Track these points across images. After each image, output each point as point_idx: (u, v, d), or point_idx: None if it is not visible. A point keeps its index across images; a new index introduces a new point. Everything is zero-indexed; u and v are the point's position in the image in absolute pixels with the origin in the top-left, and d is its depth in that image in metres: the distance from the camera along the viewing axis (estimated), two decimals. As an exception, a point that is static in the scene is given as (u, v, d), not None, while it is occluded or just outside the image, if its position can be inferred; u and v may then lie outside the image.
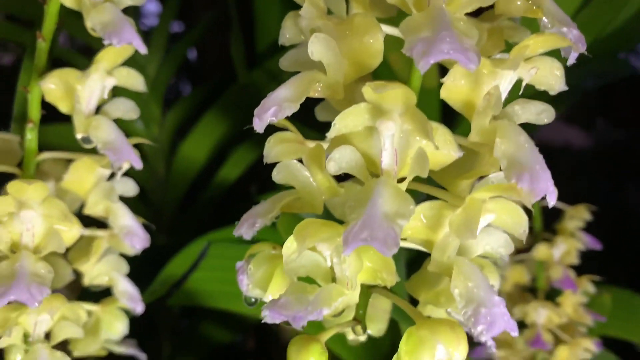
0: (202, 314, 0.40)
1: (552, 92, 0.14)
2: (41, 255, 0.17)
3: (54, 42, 0.19)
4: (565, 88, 0.14)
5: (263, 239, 0.16)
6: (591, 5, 0.33)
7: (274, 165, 0.15)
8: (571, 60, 0.14)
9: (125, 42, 0.17)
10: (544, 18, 0.14)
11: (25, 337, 0.17)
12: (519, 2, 0.14)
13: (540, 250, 0.33)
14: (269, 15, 0.37)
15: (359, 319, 0.15)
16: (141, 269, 0.31)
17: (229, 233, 0.33)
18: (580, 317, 0.33)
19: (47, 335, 0.18)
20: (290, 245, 0.13)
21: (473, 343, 0.15)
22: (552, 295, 0.35)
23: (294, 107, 0.14)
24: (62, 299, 0.17)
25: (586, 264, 0.38)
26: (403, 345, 0.14)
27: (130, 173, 0.20)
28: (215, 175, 0.41)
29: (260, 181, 0.45)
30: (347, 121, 0.13)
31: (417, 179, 0.13)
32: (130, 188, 0.20)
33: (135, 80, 0.19)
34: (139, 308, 0.21)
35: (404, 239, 0.14)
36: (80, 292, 0.22)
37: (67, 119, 0.19)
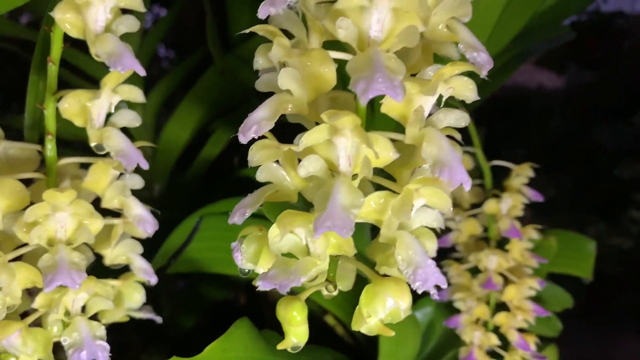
0: (198, 277, 0.44)
1: (468, 101, 0.19)
2: (74, 246, 0.21)
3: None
4: (478, 98, 0.18)
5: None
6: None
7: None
8: (483, 74, 0.19)
9: (128, 68, 0.20)
10: (460, 45, 0.18)
11: (66, 312, 0.22)
12: (441, 33, 0.19)
13: (490, 205, 0.38)
14: (239, 8, 0.40)
15: (330, 280, 0.20)
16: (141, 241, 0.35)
17: (218, 207, 0.37)
18: (526, 260, 0.39)
19: (82, 309, 0.22)
20: (274, 230, 0.18)
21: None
22: (502, 243, 0.40)
23: (271, 125, 0.18)
24: (94, 280, 0.22)
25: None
26: (362, 298, 0.18)
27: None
28: (199, 153, 0.44)
29: (240, 154, 0.49)
30: (312, 138, 0.17)
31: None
32: (137, 182, 0.24)
33: (135, 94, 0.23)
34: (153, 280, 0.25)
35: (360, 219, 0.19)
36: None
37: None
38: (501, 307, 0.39)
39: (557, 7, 0.45)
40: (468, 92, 0.18)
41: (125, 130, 0.24)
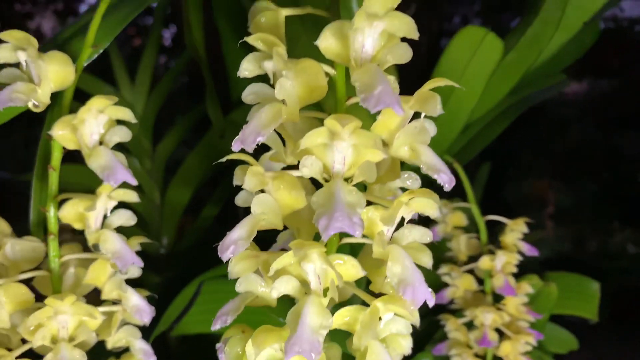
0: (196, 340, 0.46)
1: (432, 216, 0.20)
2: (75, 343, 0.23)
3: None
4: (439, 214, 0.20)
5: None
6: (517, 48, 0.38)
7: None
8: (447, 189, 0.20)
9: (119, 181, 0.22)
10: (422, 165, 0.20)
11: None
12: (405, 154, 0.20)
13: (484, 262, 0.39)
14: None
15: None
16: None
17: (219, 271, 0.39)
18: (522, 315, 0.39)
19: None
20: (249, 347, 0.19)
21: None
22: (500, 297, 0.41)
23: (247, 244, 0.19)
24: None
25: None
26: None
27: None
28: (201, 212, 0.46)
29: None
30: (311, 139, 0.18)
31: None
32: (135, 272, 0.26)
33: (130, 196, 0.24)
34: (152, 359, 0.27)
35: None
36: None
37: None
38: (498, 360, 0.40)
39: (552, 60, 0.46)
40: (430, 210, 0.19)
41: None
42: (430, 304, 0.19)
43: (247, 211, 0.20)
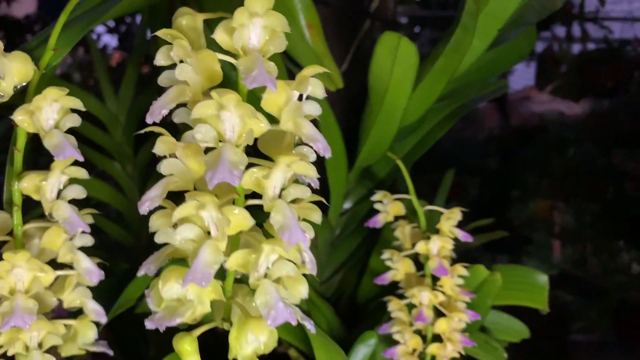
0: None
1: (309, 180, 0.24)
2: (30, 294, 0.27)
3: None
4: (317, 175, 0.24)
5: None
6: (444, 54, 0.42)
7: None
8: (325, 155, 0.24)
9: (68, 157, 0.27)
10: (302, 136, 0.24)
11: (26, 347, 0.27)
12: (292, 127, 0.24)
13: (420, 246, 0.43)
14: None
15: (225, 319, 0.25)
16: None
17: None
18: (457, 295, 0.43)
19: (40, 344, 0.28)
20: (159, 283, 0.23)
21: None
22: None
23: (160, 201, 0.24)
24: (45, 321, 0.27)
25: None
26: (232, 333, 0.24)
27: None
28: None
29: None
30: (202, 110, 0.22)
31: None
32: (88, 240, 0.30)
33: (80, 173, 0.29)
34: (103, 320, 0.31)
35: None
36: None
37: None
38: (438, 339, 0.43)
39: (489, 64, 0.50)
40: (308, 172, 0.24)
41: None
42: (305, 244, 0.23)
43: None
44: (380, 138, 0.45)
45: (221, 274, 0.25)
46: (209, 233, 0.23)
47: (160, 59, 0.24)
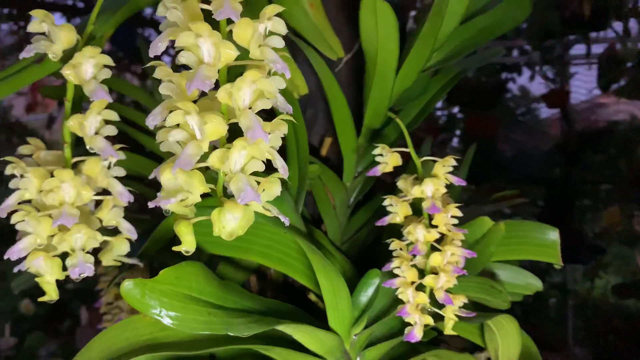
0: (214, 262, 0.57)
1: (277, 104, 0.31)
2: (75, 205, 0.35)
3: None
4: (277, 93, 0.30)
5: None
6: (429, 18, 0.47)
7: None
8: (280, 71, 0.31)
9: (100, 98, 0.35)
10: (265, 59, 0.30)
11: (71, 248, 0.35)
12: (258, 55, 0.31)
13: (416, 190, 0.48)
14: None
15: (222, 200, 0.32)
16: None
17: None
18: (452, 233, 0.47)
19: (83, 248, 0.36)
20: (161, 175, 0.30)
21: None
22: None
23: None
24: (86, 227, 0.35)
25: None
26: (213, 215, 0.30)
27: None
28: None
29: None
30: (183, 39, 0.29)
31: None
32: (121, 172, 0.38)
33: (111, 115, 0.37)
34: (134, 236, 0.39)
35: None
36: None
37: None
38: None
39: (485, 30, 0.55)
40: (269, 88, 0.30)
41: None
42: (266, 140, 0.29)
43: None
44: (379, 99, 0.51)
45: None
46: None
47: (161, 11, 0.32)
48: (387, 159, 0.50)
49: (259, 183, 0.31)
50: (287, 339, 0.44)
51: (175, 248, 0.31)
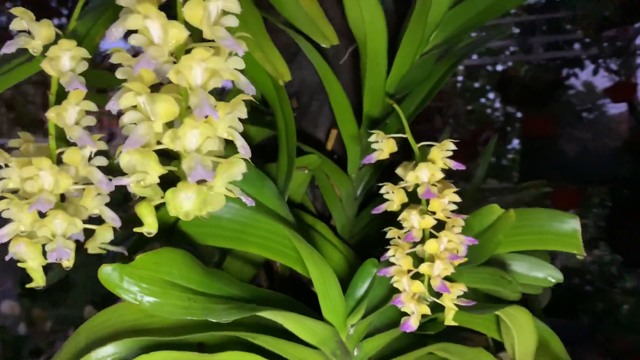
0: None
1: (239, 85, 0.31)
2: (53, 193, 0.36)
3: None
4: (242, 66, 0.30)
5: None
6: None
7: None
8: (238, 52, 0.30)
9: (74, 88, 0.36)
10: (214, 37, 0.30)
11: (52, 234, 0.37)
12: (210, 33, 0.31)
13: (410, 176, 0.46)
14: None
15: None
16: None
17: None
18: (450, 220, 0.45)
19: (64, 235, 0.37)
20: (119, 159, 0.31)
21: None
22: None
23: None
24: (66, 215, 0.36)
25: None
26: (167, 195, 0.30)
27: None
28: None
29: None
30: (131, 22, 0.30)
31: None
32: (102, 162, 0.39)
33: (91, 106, 0.38)
34: (118, 224, 0.39)
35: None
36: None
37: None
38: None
39: (487, 10, 0.53)
40: (219, 66, 0.30)
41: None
42: (215, 117, 0.29)
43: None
44: (374, 85, 0.50)
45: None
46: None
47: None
48: (383, 146, 0.48)
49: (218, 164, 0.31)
50: (278, 328, 0.43)
51: (136, 229, 0.32)
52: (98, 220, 0.40)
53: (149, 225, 0.32)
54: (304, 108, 0.60)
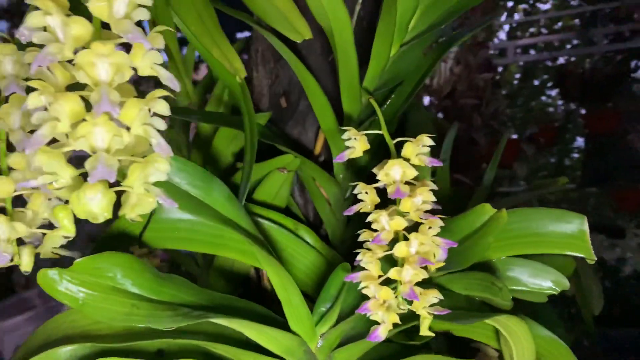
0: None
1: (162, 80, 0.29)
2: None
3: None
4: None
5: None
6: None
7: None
8: (141, 42, 0.29)
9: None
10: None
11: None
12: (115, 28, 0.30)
13: (381, 175, 0.43)
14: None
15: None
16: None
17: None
18: (427, 221, 0.41)
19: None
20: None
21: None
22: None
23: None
24: (7, 221, 0.36)
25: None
26: (72, 198, 0.29)
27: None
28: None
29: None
30: (32, 20, 0.29)
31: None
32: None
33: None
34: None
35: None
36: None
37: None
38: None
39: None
40: (122, 60, 0.29)
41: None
42: (114, 113, 0.28)
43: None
44: (348, 79, 0.47)
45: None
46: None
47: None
48: (355, 143, 0.45)
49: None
50: (241, 339, 0.41)
51: (51, 232, 0.31)
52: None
53: (66, 229, 0.31)
54: (292, 108, 0.58)
